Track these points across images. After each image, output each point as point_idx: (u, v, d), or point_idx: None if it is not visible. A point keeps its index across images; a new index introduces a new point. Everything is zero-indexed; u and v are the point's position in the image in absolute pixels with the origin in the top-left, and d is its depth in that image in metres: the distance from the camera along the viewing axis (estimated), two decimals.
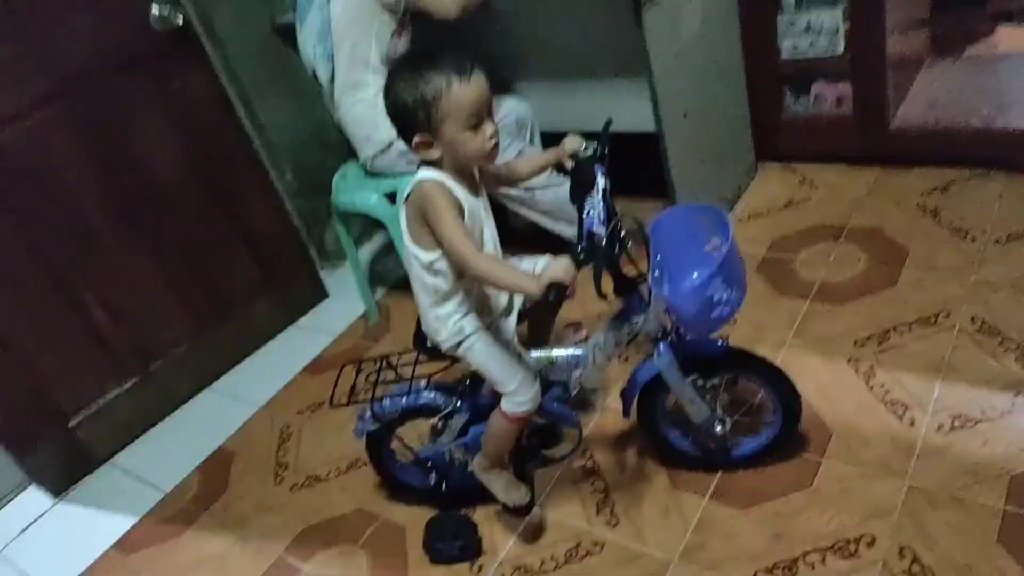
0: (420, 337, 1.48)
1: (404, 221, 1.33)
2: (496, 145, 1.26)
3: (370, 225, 2.82)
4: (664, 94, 1.96)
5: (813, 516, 1.45)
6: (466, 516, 1.65)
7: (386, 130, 1.99)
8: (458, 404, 1.55)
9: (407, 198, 1.31)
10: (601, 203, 1.28)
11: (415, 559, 1.64)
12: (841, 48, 2.21)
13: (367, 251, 2.82)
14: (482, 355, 1.40)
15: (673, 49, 1.98)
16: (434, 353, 1.48)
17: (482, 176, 1.38)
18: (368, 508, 1.81)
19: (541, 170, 1.51)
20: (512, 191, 2.17)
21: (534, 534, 1.60)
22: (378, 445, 1.68)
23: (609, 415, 1.79)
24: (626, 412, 1.52)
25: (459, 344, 1.40)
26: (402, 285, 2.50)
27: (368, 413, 1.57)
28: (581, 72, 2.19)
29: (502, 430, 1.46)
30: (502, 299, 1.44)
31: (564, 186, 2.14)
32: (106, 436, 2.25)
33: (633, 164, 2.49)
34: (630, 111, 2.09)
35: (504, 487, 1.55)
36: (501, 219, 2.38)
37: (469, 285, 1.37)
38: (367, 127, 2.02)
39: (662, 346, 1.40)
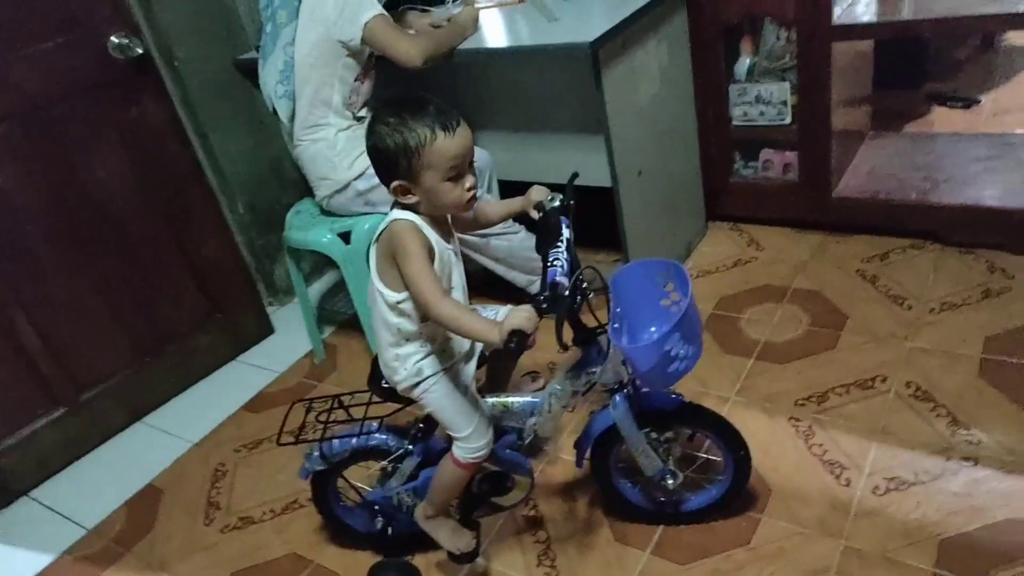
0: (375, 377, 1.46)
1: (373, 259, 1.32)
2: (474, 196, 1.27)
3: (321, 263, 2.80)
4: (620, 151, 2.01)
5: (751, 574, 1.46)
6: (410, 563, 1.60)
7: (344, 171, 2.03)
8: (410, 447, 1.52)
9: (378, 236, 1.30)
10: (565, 254, 1.29)
11: None
12: (789, 119, 2.32)
13: (317, 289, 2.79)
14: (439, 398, 1.38)
15: (631, 109, 2.05)
16: (388, 394, 1.46)
17: (454, 220, 1.39)
18: (302, 552, 1.75)
19: (507, 217, 1.51)
20: (469, 237, 2.19)
21: None
22: (323, 486, 1.63)
23: (559, 464, 1.79)
24: (579, 462, 1.52)
25: (416, 385, 1.38)
26: (350, 324, 2.48)
27: (316, 453, 1.53)
28: (540, 125, 2.23)
29: (452, 477, 1.44)
30: (464, 343, 1.44)
31: (519, 235, 2.23)
32: (28, 467, 2.14)
33: (588, 217, 2.55)
34: (587, 166, 2.13)
35: (449, 535, 1.52)
36: None
37: (433, 328, 1.35)
38: (325, 167, 2.02)
39: (618, 397, 1.40)
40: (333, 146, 1.99)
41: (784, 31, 2.23)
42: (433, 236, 1.28)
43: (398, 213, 1.28)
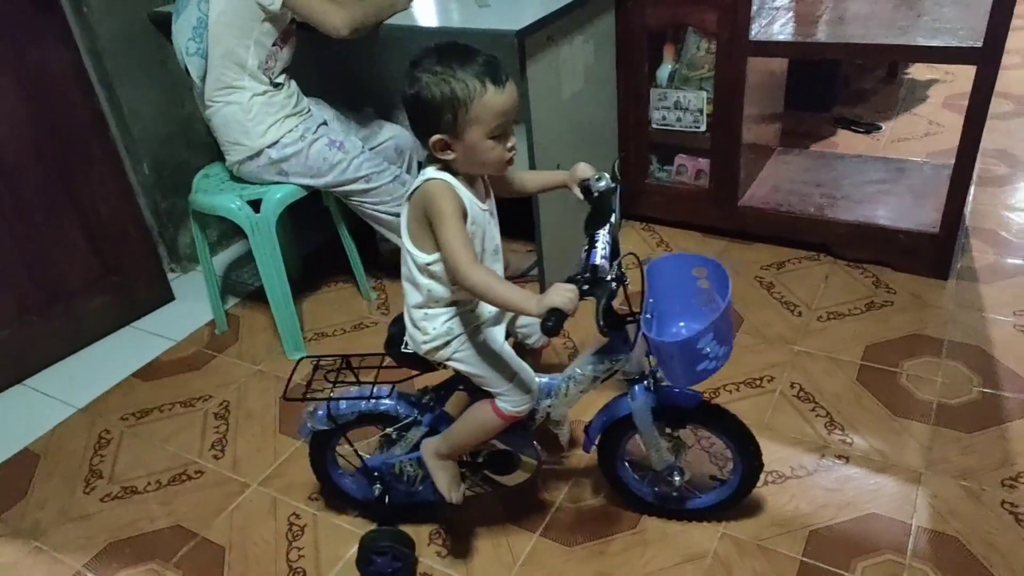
0: (393, 341, 1.40)
1: (404, 218, 1.26)
2: (513, 157, 1.22)
3: (229, 231, 2.72)
4: (540, 143, 2.04)
5: (634, 557, 1.52)
6: (405, 533, 1.52)
7: (257, 137, 1.97)
8: (419, 417, 1.47)
9: (411, 195, 1.23)
10: (607, 236, 1.25)
11: None
12: (704, 127, 2.40)
13: (224, 258, 2.70)
14: (470, 356, 1.32)
15: (553, 103, 2.08)
16: (409, 359, 1.40)
17: (491, 180, 1.33)
18: (187, 525, 1.69)
19: (546, 189, 1.47)
20: (385, 216, 2.17)
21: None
22: (322, 448, 1.57)
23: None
24: (587, 447, 1.49)
25: (446, 344, 1.31)
26: (256, 296, 2.42)
27: (321, 411, 1.47)
28: None
29: (486, 424, 1.36)
30: (493, 310, 1.37)
31: None
32: None
33: (501, 206, 2.56)
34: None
35: (449, 480, 1.44)
36: (372, 242, 2.42)
37: (463, 294, 1.29)
38: (237, 131, 1.96)
39: (638, 388, 1.38)
40: (247, 111, 1.93)
41: (705, 42, 2.31)
42: (468, 196, 1.22)
43: (433, 172, 1.22)
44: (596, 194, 1.34)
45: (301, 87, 2.11)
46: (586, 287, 1.16)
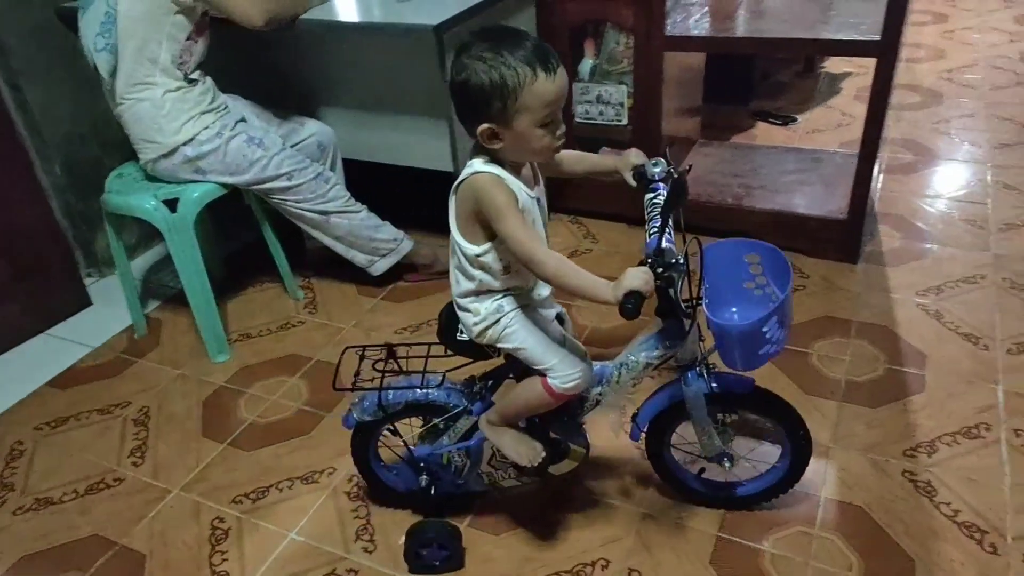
0: (447, 329, 1.38)
1: (452, 209, 1.24)
2: (561, 145, 1.20)
3: (149, 233, 2.64)
4: (463, 138, 2.04)
5: (559, 542, 1.54)
6: (452, 524, 1.50)
7: (170, 134, 1.93)
8: (469, 406, 1.44)
9: (457, 187, 1.21)
10: (671, 223, 1.25)
11: None
12: (626, 120, 2.45)
13: (144, 260, 2.63)
14: (519, 331, 1.30)
15: None
16: (463, 347, 1.37)
17: (539, 164, 1.30)
18: (106, 534, 1.65)
19: (596, 173, 1.44)
20: (308, 214, 2.15)
21: None
22: (365, 439, 1.54)
23: None
24: (635, 435, 1.46)
25: (496, 322, 1.29)
26: (178, 299, 2.37)
27: (369, 401, 1.44)
28: (386, 106, 2.23)
29: (536, 399, 1.33)
30: (544, 291, 1.36)
31: (359, 213, 2.22)
32: None
33: (424, 200, 2.57)
34: (430, 150, 2.18)
35: (513, 443, 1.39)
36: (297, 240, 2.38)
37: (516, 281, 1.29)
38: (150, 129, 1.91)
39: (691, 374, 1.36)
40: (160, 107, 1.89)
41: (623, 37, 2.36)
42: (517, 186, 1.20)
43: (480, 164, 1.19)
44: (656, 179, 1.34)
45: (219, 83, 2.07)
46: (660, 270, 1.15)
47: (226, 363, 2.13)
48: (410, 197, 2.60)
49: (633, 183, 1.37)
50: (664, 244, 1.20)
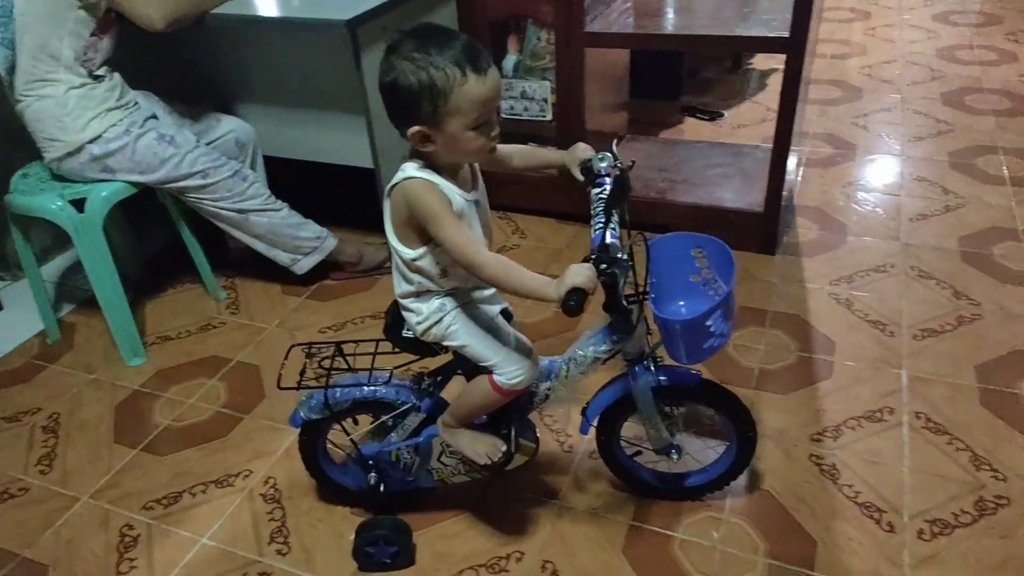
0: (394, 327, 1.36)
1: (387, 213, 1.22)
2: (496, 143, 1.18)
3: (63, 235, 2.55)
4: (382, 135, 2.04)
5: (474, 536, 1.55)
6: (402, 520, 1.50)
7: (75, 132, 1.87)
8: (417, 403, 1.44)
9: (390, 190, 1.19)
10: (617, 216, 1.24)
11: None
12: (550, 116, 2.47)
13: (59, 263, 2.55)
14: (462, 328, 1.29)
15: None
16: (409, 344, 1.36)
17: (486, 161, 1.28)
18: (6, 546, 1.59)
19: (542, 168, 1.40)
20: (226, 212, 2.11)
21: None
22: (313, 438, 1.51)
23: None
24: (585, 429, 1.46)
25: (439, 320, 1.29)
26: (91, 302, 2.30)
27: (316, 400, 1.41)
28: (304, 102, 2.20)
29: (485, 398, 1.34)
30: (486, 289, 1.35)
31: (280, 211, 2.19)
32: None
33: (350, 198, 2.55)
34: (349, 146, 2.16)
35: (470, 442, 1.40)
36: (220, 240, 2.34)
37: (453, 283, 1.28)
38: (53, 127, 1.85)
39: (639, 368, 1.38)
40: (63, 105, 1.83)
41: (545, 33, 2.37)
42: (453, 191, 1.18)
43: (412, 169, 1.17)
44: (603, 173, 1.32)
45: (132, 79, 2.02)
46: (603, 266, 1.14)
47: (142, 367, 2.08)
48: (336, 195, 2.58)
49: (581, 177, 1.36)
50: (609, 239, 1.20)
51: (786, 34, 2.02)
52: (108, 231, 2.22)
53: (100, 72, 1.89)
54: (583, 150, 1.37)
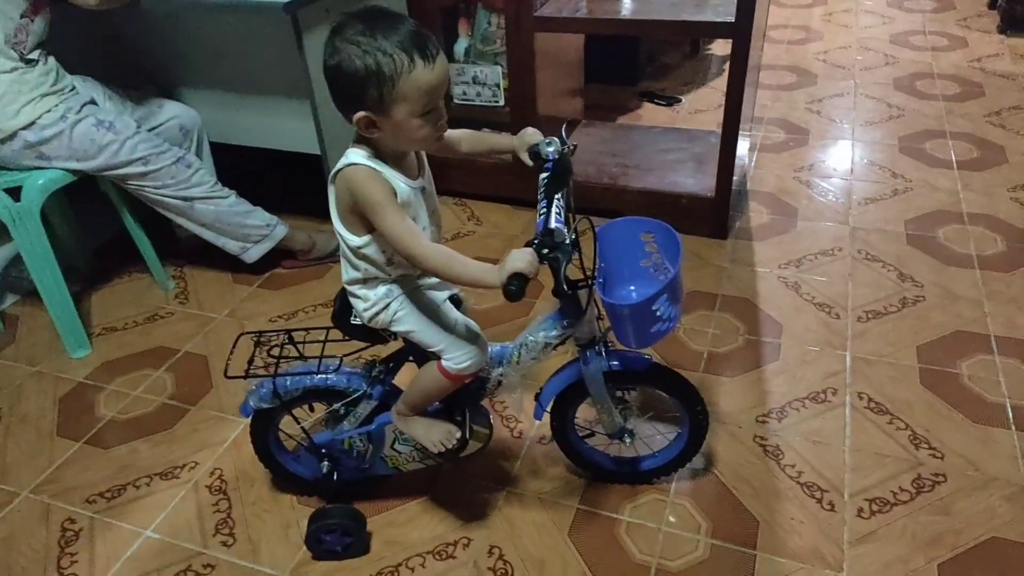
0: (341, 313, 1.34)
1: (331, 200, 1.19)
2: (443, 133, 1.16)
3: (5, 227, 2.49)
4: (327, 119, 2.01)
5: (423, 523, 1.55)
6: (355, 509, 1.48)
7: (8, 118, 1.82)
8: (368, 390, 1.42)
9: (333, 176, 1.17)
10: (562, 200, 1.22)
11: None
12: (503, 101, 2.45)
13: (3, 253, 2.48)
14: (409, 315, 1.28)
15: None
16: (358, 332, 1.35)
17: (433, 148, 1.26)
18: None
19: (490, 152, 1.39)
20: (172, 200, 2.07)
21: None
22: (265, 427, 1.49)
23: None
24: (538, 414, 1.46)
25: (386, 307, 1.27)
26: (36, 293, 2.24)
27: (265, 389, 1.39)
28: (248, 87, 2.16)
29: (435, 384, 1.34)
30: (433, 279, 1.34)
31: (227, 199, 2.15)
32: None
33: (297, 183, 2.52)
34: (296, 132, 2.12)
35: (425, 430, 1.40)
36: (168, 228, 2.29)
37: (400, 271, 1.26)
38: None
39: (589, 353, 1.37)
40: None
41: (495, 17, 2.35)
42: (397, 178, 1.16)
43: (355, 155, 1.15)
44: (550, 158, 1.29)
45: (69, 64, 1.96)
46: (545, 251, 1.13)
47: (86, 358, 2.04)
48: (287, 181, 2.55)
49: (530, 162, 1.33)
50: (553, 224, 1.17)
51: (731, 19, 2.03)
52: (52, 220, 2.18)
53: (33, 56, 1.83)
54: (531, 135, 1.36)
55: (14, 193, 1.87)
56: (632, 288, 1.43)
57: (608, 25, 2.33)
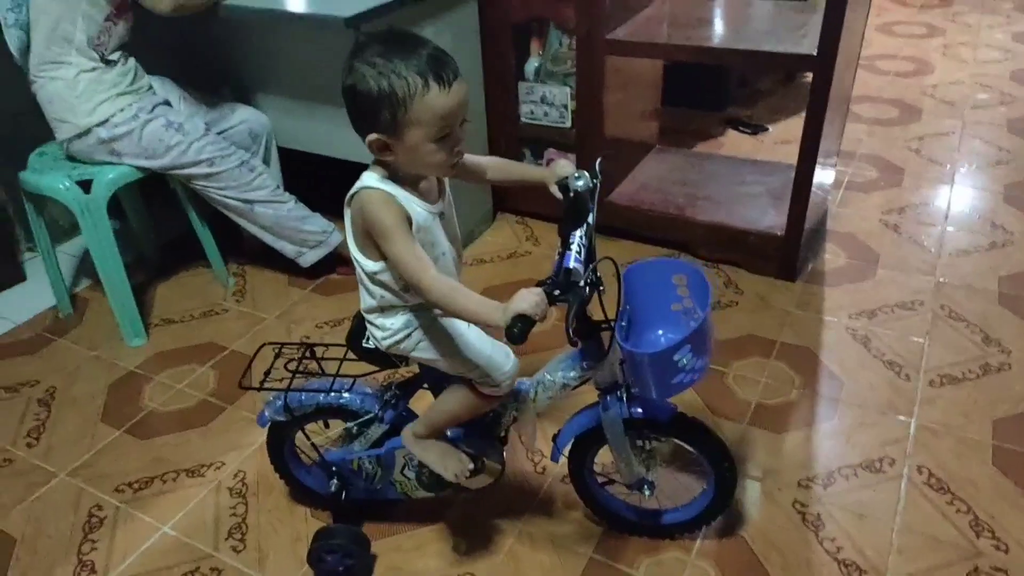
0: (355, 334, 1.32)
1: (347, 222, 1.17)
2: (460, 160, 1.14)
3: None
4: None
5: (429, 553, 1.51)
6: (359, 531, 1.47)
7: (84, 115, 1.91)
8: (380, 413, 1.42)
9: (350, 199, 1.14)
10: (584, 239, 1.18)
11: None
12: (569, 123, 2.40)
13: (82, 239, 2.62)
14: (436, 343, 1.25)
15: None
16: (369, 355, 1.33)
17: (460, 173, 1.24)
18: None
19: (520, 183, 1.35)
20: (233, 202, 2.13)
21: None
22: (280, 438, 1.52)
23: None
24: (555, 456, 1.40)
25: (407, 336, 1.24)
26: None
27: (280, 402, 1.40)
28: (317, 97, 2.19)
29: (463, 403, 1.30)
30: None
31: (287, 204, 2.19)
32: None
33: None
34: (359, 143, 2.13)
35: (439, 457, 1.36)
36: (233, 229, 2.35)
37: (417, 299, 1.22)
38: (62, 109, 1.90)
39: (610, 399, 1.31)
40: (73, 87, 1.87)
41: (567, 37, 2.30)
42: (413, 202, 1.13)
43: (370, 179, 1.12)
44: (572, 193, 1.25)
45: (150, 65, 2.05)
46: (556, 292, 1.08)
47: (142, 347, 2.12)
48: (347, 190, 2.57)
49: (559, 195, 1.28)
50: (572, 264, 1.12)
51: (814, 52, 1.91)
52: (125, 213, 2.28)
53: (113, 56, 1.92)
54: (563, 167, 1.30)
55: (85, 186, 1.96)
56: (660, 332, 1.34)
57: (680, 52, 2.24)
